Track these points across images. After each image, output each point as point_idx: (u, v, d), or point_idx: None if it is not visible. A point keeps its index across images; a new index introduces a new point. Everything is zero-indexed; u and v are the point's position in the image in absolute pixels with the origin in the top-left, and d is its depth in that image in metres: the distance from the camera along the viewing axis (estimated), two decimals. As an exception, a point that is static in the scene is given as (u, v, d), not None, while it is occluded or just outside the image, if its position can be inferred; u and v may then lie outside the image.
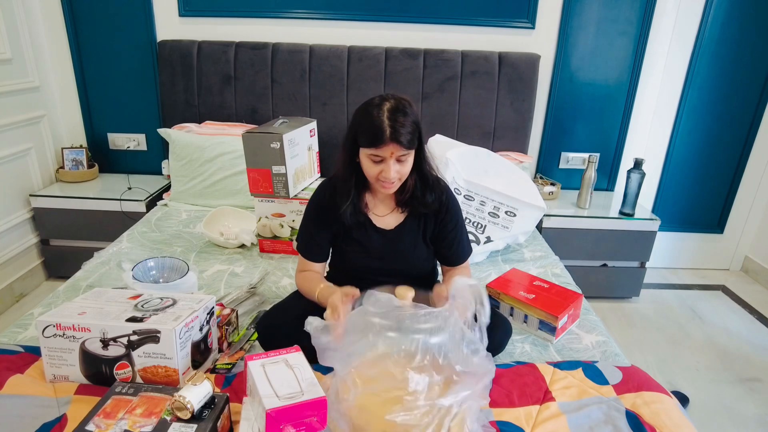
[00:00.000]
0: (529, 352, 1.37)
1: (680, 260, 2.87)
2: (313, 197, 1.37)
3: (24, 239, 2.33)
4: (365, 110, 1.20)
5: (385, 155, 1.18)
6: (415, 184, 1.30)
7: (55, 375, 1.10)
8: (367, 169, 1.23)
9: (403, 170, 1.23)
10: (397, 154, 1.18)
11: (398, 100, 1.19)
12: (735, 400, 1.88)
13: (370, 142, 1.17)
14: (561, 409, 1.09)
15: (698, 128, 2.58)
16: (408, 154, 1.21)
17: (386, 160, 1.19)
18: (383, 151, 1.17)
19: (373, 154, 1.19)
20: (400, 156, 1.19)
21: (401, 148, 1.17)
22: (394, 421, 0.92)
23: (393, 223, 1.36)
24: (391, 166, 1.19)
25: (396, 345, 1.02)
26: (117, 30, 2.38)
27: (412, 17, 2.38)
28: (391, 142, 1.16)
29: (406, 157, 1.21)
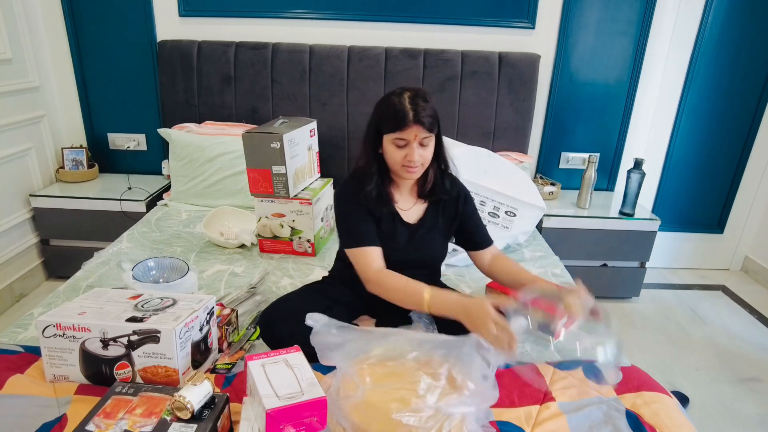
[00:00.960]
0: (529, 352, 1.37)
1: (680, 260, 2.87)
2: (342, 191, 1.36)
3: (24, 239, 2.33)
4: (387, 99, 1.26)
5: (409, 138, 1.23)
6: (436, 174, 1.36)
7: (55, 375, 1.10)
8: (391, 155, 1.27)
9: (426, 155, 1.28)
10: (421, 137, 1.23)
11: (417, 89, 1.26)
12: (735, 400, 1.88)
13: (395, 125, 1.22)
14: (561, 409, 1.09)
15: (698, 128, 2.58)
16: (430, 137, 1.26)
17: (410, 144, 1.24)
18: (407, 134, 1.22)
19: (398, 137, 1.23)
20: (423, 139, 1.24)
21: (424, 130, 1.22)
22: (400, 420, 0.93)
23: (416, 216, 1.39)
24: (415, 149, 1.24)
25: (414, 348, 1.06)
26: (117, 30, 2.38)
27: (412, 17, 2.38)
28: (414, 124, 1.21)
29: (429, 141, 1.26)
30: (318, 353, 1.10)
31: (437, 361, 1.06)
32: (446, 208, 1.40)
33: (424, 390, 0.98)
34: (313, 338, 1.12)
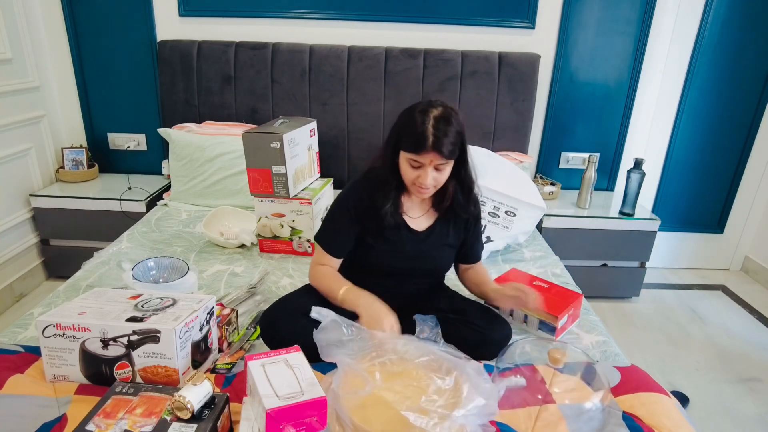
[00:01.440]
0: (529, 352, 1.37)
1: (680, 260, 2.87)
2: (350, 193, 1.35)
3: (24, 239, 2.33)
4: (411, 114, 1.21)
5: (425, 162, 1.20)
6: (456, 191, 1.33)
7: (55, 375, 1.10)
8: (405, 173, 1.25)
9: (440, 178, 1.24)
10: (436, 163, 1.20)
11: (445, 108, 1.20)
12: (735, 400, 1.88)
13: (412, 147, 1.19)
14: (561, 410, 1.09)
15: (698, 128, 2.58)
16: (447, 163, 1.22)
17: (424, 167, 1.21)
18: (423, 158, 1.19)
19: (413, 159, 1.20)
20: (439, 165, 1.21)
21: (441, 158, 1.18)
22: (407, 418, 0.93)
23: (424, 225, 1.37)
24: (429, 173, 1.21)
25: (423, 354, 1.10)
26: (117, 30, 2.38)
27: (412, 17, 2.38)
28: (432, 151, 1.17)
29: (445, 166, 1.23)
30: (320, 349, 1.10)
31: (446, 368, 1.08)
32: (457, 221, 1.39)
33: (433, 391, 1.00)
34: (318, 334, 1.13)
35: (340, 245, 1.36)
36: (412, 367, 1.10)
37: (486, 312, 1.37)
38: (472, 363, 1.09)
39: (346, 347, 1.11)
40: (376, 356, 1.10)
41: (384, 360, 1.09)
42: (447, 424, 0.94)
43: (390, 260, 1.35)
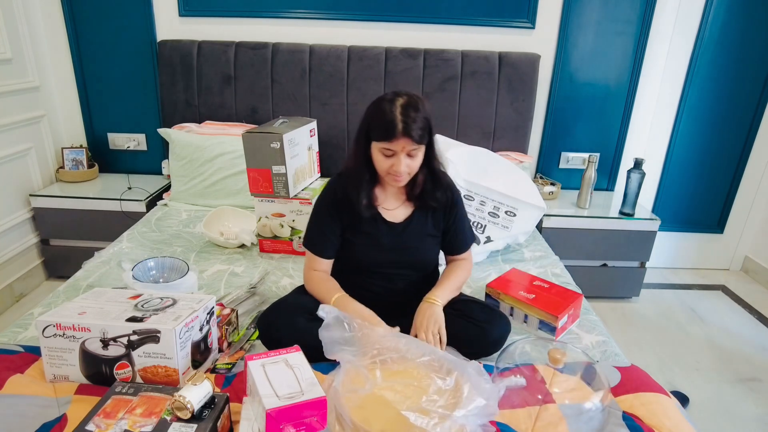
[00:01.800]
0: (529, 352, 1.37)
1: (680, 260, 2.87)
2: (325, 193, 1.38)
3: (24, 239, 2.33)
4: (378, 105, 1.24)
5: (397, 149, 1.22)
6: (426, 179, 1.34)
7: (55, 375, 1.10)
8: (378, 163, 1.27)
9: (413, 165, 1.26)
10: (408, 149, 1.22)
11: (411, 96, 1.23)
12: (735, 400, 1.88)
13: (383, 135, 1.21)
14: (561, 410, 1.09)
15: (698, 128, 2.58)
16: (418, 149, 1.24)
17: (397, 154, 1.23)
18: (395, 145, 1.21)
19: (385, 147, 1.22)
20: (411, 150, 1.23)
21: (412, 143, 1.21)
22: (407, 417, 0.93)
23: (401, 216, 1.38)
24: (402, 160, 1.23)
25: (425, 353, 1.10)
26: (117, 30, 2.38)
27: (412, 17, 2.38)
28: (402, 137, 1.19)
29: (417, 152, 1.25)
30: (324, 347, 1.11)
31: (447, 369, 1.08)
32: (436, 211, 1.40)
33: (434, 391, 1.01)
34: (322, 332, 1.13)
35: (327, 246, 1.37)
36: (412, 366, 1.10)
37: (485, 307, 1.37)
38: (472, 363, 1.10)
39: (350, 344, 1.11)
40: (378, 354, 1.11)
41: (385, 358, 1.09)
42: (447, 424, 0.94)
43: (371, 254, 1.36)
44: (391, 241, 1.37)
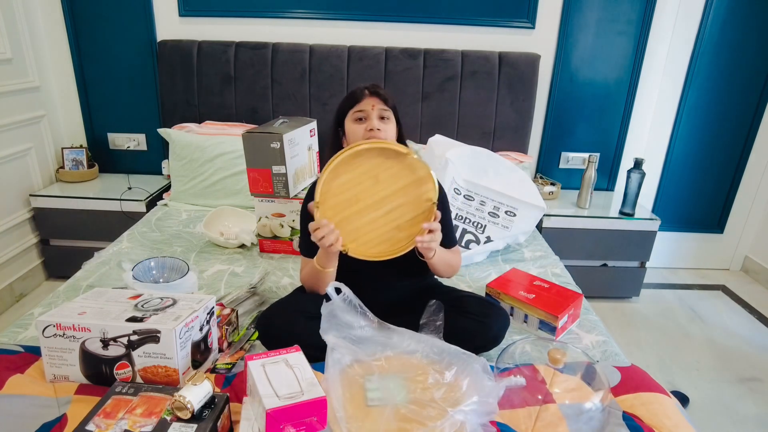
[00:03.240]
0: (530, 352, 1.37)
1: (680, 260, 2.87)
2: (309, 194, 1.42)
3: (24, 239, 2.33)
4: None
5: (367, 108, 1.29)
6: None
7: (55, 375, 1.10)
8: (353, 133, 1.32)
9: (388, 130, 1.31)
10: (379, 108, 1.29)
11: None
12: (735, 400, 1.88)
13: (352, 101, 1.30)
14: (561, 410, 1.09)
15: (698, 128, 2.58)
16: (389, 114, 1.31)
17: (369, 115, 1.29)
18: (364, 104, 1.29)
19: (356, 110, 1.30)
20: (382, 111, 1.30)
21: (381, 102, 1.29)
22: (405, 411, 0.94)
23: None
24: (374, 117, 1.29)
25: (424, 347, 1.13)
26: (117, 30, 2.38)
27: (412, 17, 2.38)
28: (371, 96, 1.29)
29: (388, 117, 1.31)
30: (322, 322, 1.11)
31: (446, 363, 1.08)
32: None
33: (431, 384, 1.01)
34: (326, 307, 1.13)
35: (314, 247, 1.33)
36: (412, 360, 1.10)
37: (483, 302, 1.37)
38: (480, 359, 1.08)
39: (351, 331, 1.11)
40: (380, 351, 1.11)
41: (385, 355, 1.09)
42: (446, 419, 0.94)
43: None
44: None
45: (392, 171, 1.24)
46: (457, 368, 1.06)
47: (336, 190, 1.22)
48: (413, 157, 1.23)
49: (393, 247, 1.26)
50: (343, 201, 1.23)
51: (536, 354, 1.36)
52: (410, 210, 1.25)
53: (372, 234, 1.26)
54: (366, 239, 1.26)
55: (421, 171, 1.24)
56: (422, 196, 1.25)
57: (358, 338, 1.13)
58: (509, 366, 1.19)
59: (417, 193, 1.25)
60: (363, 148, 1.20)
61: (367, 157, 1.21)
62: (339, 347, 1.08)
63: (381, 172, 1.23)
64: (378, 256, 1.26)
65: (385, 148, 1.21)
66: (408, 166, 1.23)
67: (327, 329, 1.10)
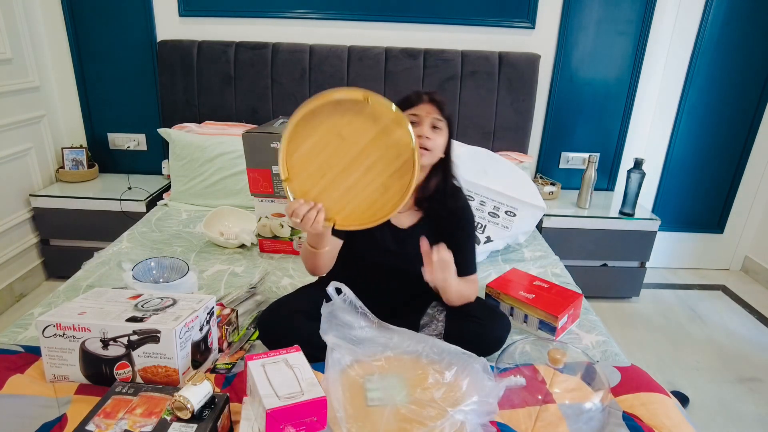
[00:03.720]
0: (530, 352, 1.37)
1: (680, 260, 2.87)
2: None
3: (24, 239, 2.33)
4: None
5: (422, 113, 1.23)
6: (439, 186, 1.32)
7: (55, 375, 1.10)
8: None
9: (438, 141, 1.25)
10: (433, 116, 1.23)
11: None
12: (735, 400, 1.88)
13: (408, 103, 1.24)
14: (561, 410, 1.09)
15: (698, 128, 2.58)
16: (442, 123, 1.25)
17: (422, 121, 1.23)
18: (420, 109, 1.23)
19: (411, 113, 1.23)
20: (436, 120, 1.24)
21: (437, 111, 1.23)
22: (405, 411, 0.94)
23: (408, 223, 1.36)
24: (427, 126, 1.23)
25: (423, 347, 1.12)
26: (117, 30, 2.38)
27: (412, 17, 2.38)
28: (428, 102, 1.22)
29: (441, 127, 1.25)
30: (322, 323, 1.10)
31: (446, 363, 1.08)
32: (441, 223, 1.34)
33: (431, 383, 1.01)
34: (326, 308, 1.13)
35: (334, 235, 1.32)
36: (412, 360, 1.10)
37: (485, 305, 1.37)
38: (480, 360, 1.09)
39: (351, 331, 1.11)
40: (381, 351, 1.11)
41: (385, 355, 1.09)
42: (446, 419, 0.94)
43: (371, 255, 1.33)
44: (393, 246, 1.33)
45: (355, 125, 1.08)
46: (457, 368, 1.06)
47: (302, 161, 1.11)
48: (373, 101, 1.06)
49: (383, 208, 1.14)
50: (314, 172, 1.11)
51: (536, 354, 1.36)
52: (390, 163, 1.11)
53: (357, 200, 1.14)
54: (352, 207, 1.14)
55: (386, 117, 1.08)
56: (398, 144, 1.10)
57: (358, 338, 1.13)
58: (509, 366, 1.19)
59: (390, 143, 1.10)
60: (312, 106, 1.05)
61: (322, 116, 1.07)
62: (339, 347, 1.08)
63: (343, 129, 1.09)
64: (369, 221, 1.14)
65: (340, 100, 1.06)
66: (370, 116, 1.08)
67: (327, 329, 1.10)
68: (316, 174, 1.12)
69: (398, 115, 1.07)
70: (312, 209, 1.10)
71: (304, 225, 1.10)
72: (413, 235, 1.32)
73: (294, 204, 1.11)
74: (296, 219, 1.10)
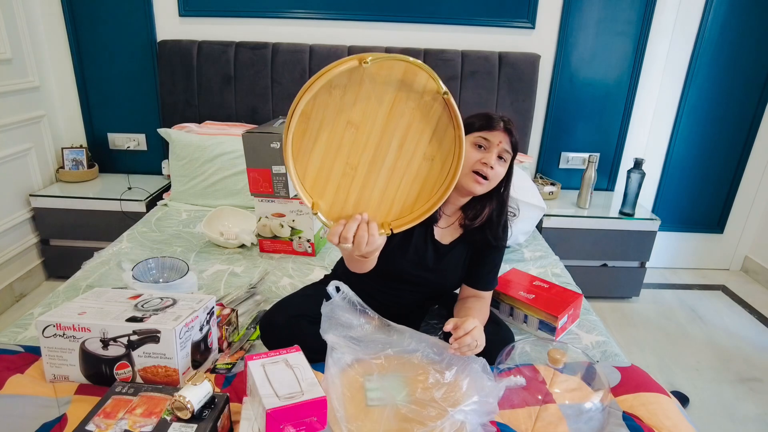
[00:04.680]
0: (529, 352, 1.37)
1: (680, 260, 2.87)
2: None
3: (24, 239, 2.33)
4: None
5: (493, 140, 1.18)
6: (492, 214, 1.27)
7: (55, 375, 1.10)
8: (467, 155, 1.16)
9: (499, 171, 1.20)
10: (503, 146, 1.19)
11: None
12: (735, 400, 1.88)
13: (483, 125, 1.19)
14: (561, 410, 1.09)
15: (698, 128, 2.58)
16: (508, 157, 1.21)
17: (491, 148, 1.18)
18: (493, 136, 1.18)
19: (483, 136, 1.18)
20: (503, 152, 1.19)
21: (508, 142, 1.19)
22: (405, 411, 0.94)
23: (448, 239, 1.31)
24: (494, 154, 1.18)
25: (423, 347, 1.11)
26: (117, 30, 2.38)
27: (412, 17, 2.38)
28: (503, 131, 1.18)
29: (506, 158, 1.21)
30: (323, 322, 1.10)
31: (446, 363, 1.08)
32: (475, 243, 1.31)
33: (431, 383, 1.01)
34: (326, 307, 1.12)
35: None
36: (412, 360, 1.10)
37: (489, 320, 1.35)
38: (479, 360, 1.09)
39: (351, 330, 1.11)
40: (381, 350, 1.11)
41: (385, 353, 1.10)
42: (446, 419, 0.94)
43: (406, 265, 1.28)
44: (431, 259, 1.29)
45: (362, 101, 0.86)
46: (457, 368, 1.06)
47: (319, 176, 0.90)
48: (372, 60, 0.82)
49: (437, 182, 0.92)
50: (338, 181, 0.90)
51: (536, 354, 1.36)
52: (424, 126, 0.89)
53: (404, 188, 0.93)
54: (401, 200, 0.93)
55: (395, 73, 0.86)
56: (422, 98, 0.88)
57: (359, 338, 1.13)
58: (509, 366, 1.19)
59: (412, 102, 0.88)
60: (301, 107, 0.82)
61: (317, 112, 0.85)
62: (339, 346, 1.08)
63: (351, 114, 0.87)
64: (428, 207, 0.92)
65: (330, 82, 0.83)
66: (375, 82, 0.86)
67: (327, 329, 1.10)
68: (343, 181, 0.90)
69: (409, 65, 0.85)
70: (360, 225, 0.92)
71: (359, 247, 0.92)
72: (450, 251, 1.30)
73: (336, 229, 0.92)
74: (347, 245, 0.92)
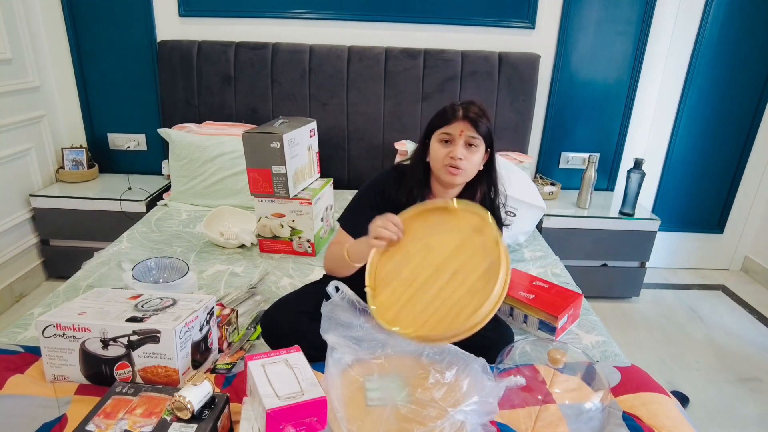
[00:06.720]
0: (529, 352, 1.37)
1: (680, 260, 2.87)
2: (377, 182, 1.35)
3: (24, 239, 2.33)
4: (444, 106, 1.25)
5: (455, 132, 1.19)
6: (484, 196, 1.29)
7: (55, 375, 1.10)
8: (435, 154, 1.22)
9: (473, 159, 1.22)
10: (468, 134, 1.19)
11: (475, 100, 1.25)
12: (735, 400, 1.88)
13: (442, 121, 1.20)
14: (561, 410, 1.09)
15: (698, 128, 2.58)
16: (478, 142, 1.21)
17: (455, 140, 1.19)
18: (453, 128, 1.19)
19: (444, 132, 1.20)
20: (470, 138, 1.19)
21: (471, 128, 1.19)
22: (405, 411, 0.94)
23: None
24: (459, 146, 1.19)
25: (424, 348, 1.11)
26: (117, 30, 2.38)
27: (412, 17, 2.38)
28: (462, 120, 1.18)
29: (477, 145, 1.21)
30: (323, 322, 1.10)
31: (446, 363, 1.08)
32: None
33: (431, 383, 1.01)
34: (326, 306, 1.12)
35: (360, 230, 1.29)
36: (412, 360, 1.10)
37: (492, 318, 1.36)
38: (479, 360, 1.09)
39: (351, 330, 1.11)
40: (381, 350, 1.11)
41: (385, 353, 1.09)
42: (446, 419, 0.94)
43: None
44: None
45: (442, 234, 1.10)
46: (457, 368, 1.06)
47: (389, 275, 1.10)
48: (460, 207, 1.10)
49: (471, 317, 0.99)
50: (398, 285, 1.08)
51: (536, 354, 1.35)
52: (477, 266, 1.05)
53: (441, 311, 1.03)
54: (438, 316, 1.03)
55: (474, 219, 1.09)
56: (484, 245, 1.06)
57: (359, 337, 1.13)
58: (509, 366, 1.19)
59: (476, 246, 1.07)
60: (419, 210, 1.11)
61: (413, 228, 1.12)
62: (339, 346, 1.08)
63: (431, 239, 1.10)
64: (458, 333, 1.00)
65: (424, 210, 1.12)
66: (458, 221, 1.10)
67: (327, 329, 1.10)
68: (398, 287, 1.08)
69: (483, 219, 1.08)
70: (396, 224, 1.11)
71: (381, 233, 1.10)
72: None
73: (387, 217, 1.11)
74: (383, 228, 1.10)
